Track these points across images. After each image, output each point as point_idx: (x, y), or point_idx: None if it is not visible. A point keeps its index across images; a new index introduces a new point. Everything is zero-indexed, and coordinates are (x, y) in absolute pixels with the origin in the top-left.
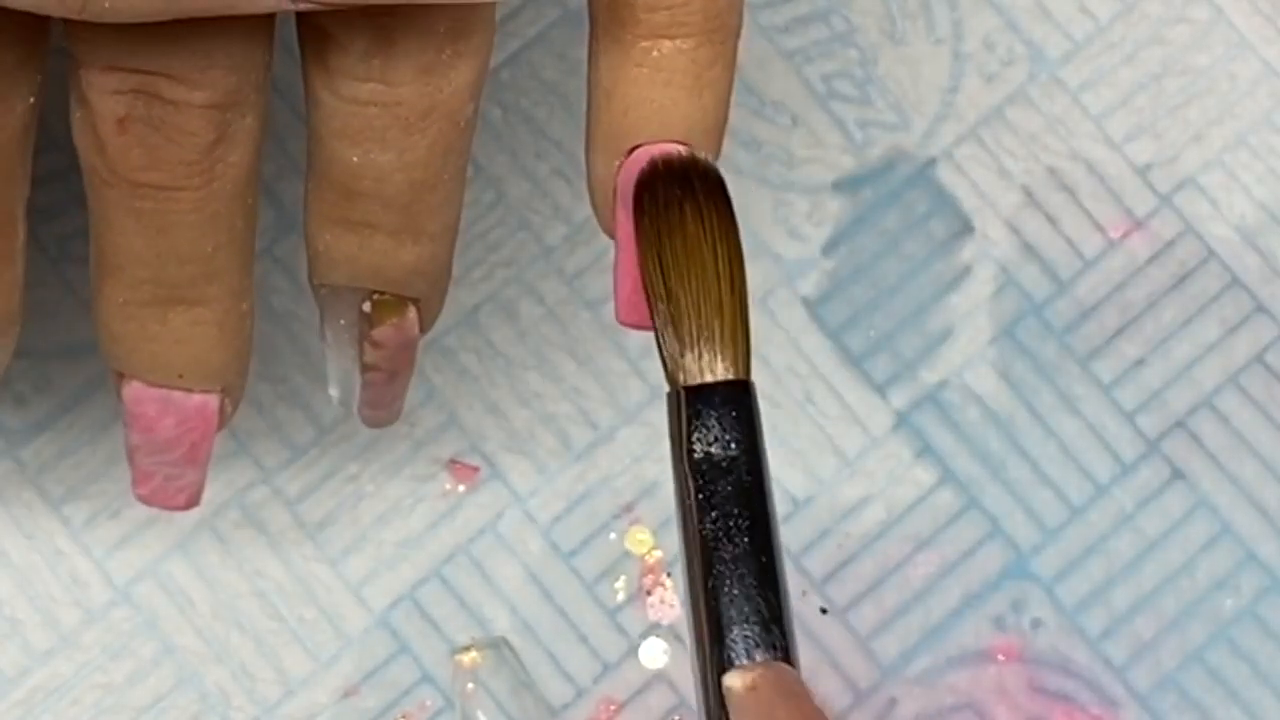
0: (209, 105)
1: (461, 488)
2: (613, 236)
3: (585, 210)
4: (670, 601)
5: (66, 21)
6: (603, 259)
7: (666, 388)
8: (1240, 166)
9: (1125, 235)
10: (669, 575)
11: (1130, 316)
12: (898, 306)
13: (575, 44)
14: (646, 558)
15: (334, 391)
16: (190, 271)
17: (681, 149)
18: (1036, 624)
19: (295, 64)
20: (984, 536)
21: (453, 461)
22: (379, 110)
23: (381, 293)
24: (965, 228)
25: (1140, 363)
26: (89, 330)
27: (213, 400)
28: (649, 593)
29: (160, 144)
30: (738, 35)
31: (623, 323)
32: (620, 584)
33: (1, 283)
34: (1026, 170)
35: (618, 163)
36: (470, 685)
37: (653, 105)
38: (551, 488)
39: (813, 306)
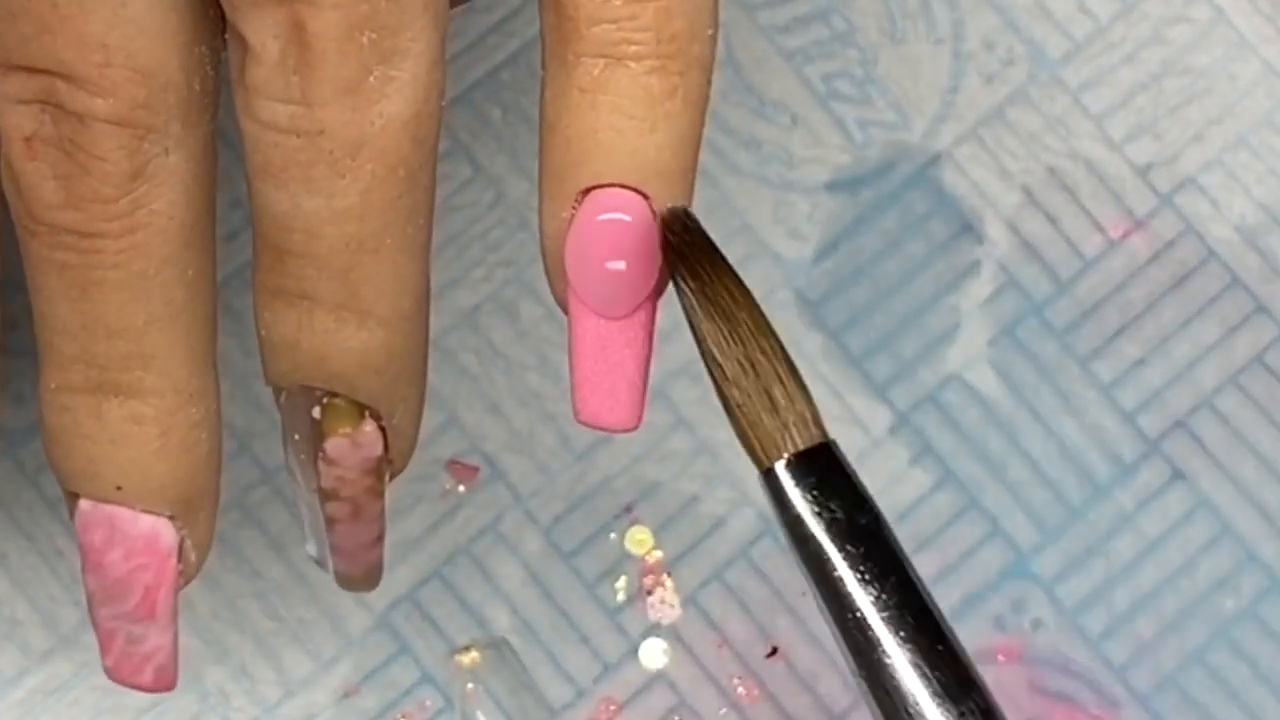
0: (116, 120)
1: (461, 488)
2: (564, 308)
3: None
4: (670, 602)
5: None
6: None
7: (755, 469)
8: (1240, 166)
9: (1125, 235)
10: (669, 575)
11: (1130, 316)
12: (898, 306)
13: None
14: (647, 558)
15: (310, 548)
16: (121, 349)
17: (647, 199)
18: (1037, 624)
19: None
20: (984, 537)
21: (453, 461)
22: (302, 142)
23: (333, 395)
24: (965, 228)
25: (1140, 363)
26: None
27: (164, 530)
28: (649, 593)
29: (74, 173)
30: (705, 69)
31: (583, 422)
32: (620, 584)
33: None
34: (1027, 170)
35: (568, 213)
36: (470, 685)
37: (597, 136)
38: (552, 488)
39: (813, 306)
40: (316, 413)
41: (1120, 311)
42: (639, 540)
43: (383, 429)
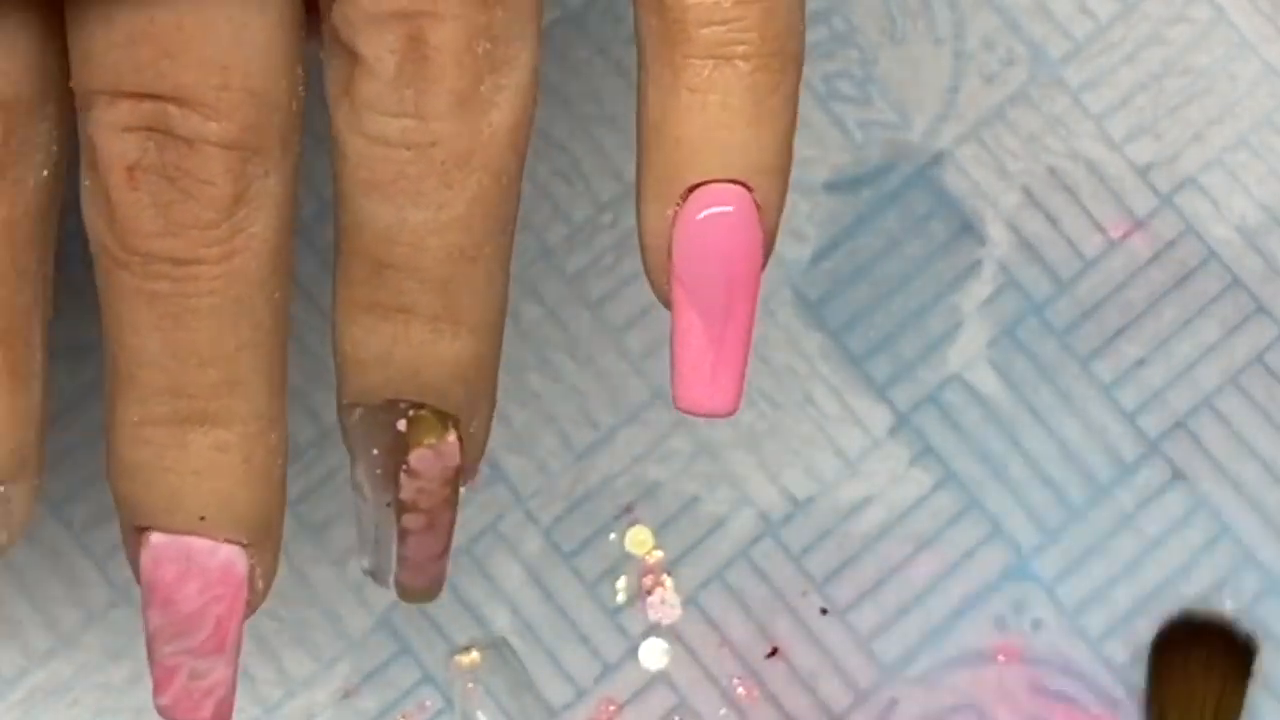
0: (226, 143)
1: (462, 488)
2: (667, 304)
3: (585, 210)
4: (670, 602)
5: (71, 41)
6: (602, 259)
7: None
8: (1241, 166)
9: (1126, 235)
10: (669, 575)
11: (1131, 316)
12: (898, 306)
13: (575, 44)
14: (647, 558)
15: (365, 562)
16: (212, 377)
17: None
18: (1037, 624)
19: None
20: (985, 537)
21: None
22: (413, 155)
23: (419, 406)
24: (965, 228)
25: (1141, 363)
26: (89, 330)
27: (239, 558)
28: (649, 593)
29: (175, 200)
30: (799, 66)
31: (681, 408)
32: (621, 584)
33: (13, 409)
34: (1027, 170)
35: (671, 211)
36: (470, 685)
37: (708, 135)
38: (552, 488)
39: (813, 306)
40: (402, 425)
41: (1120, 311)
42: (639, 540)
43: (460, 440)
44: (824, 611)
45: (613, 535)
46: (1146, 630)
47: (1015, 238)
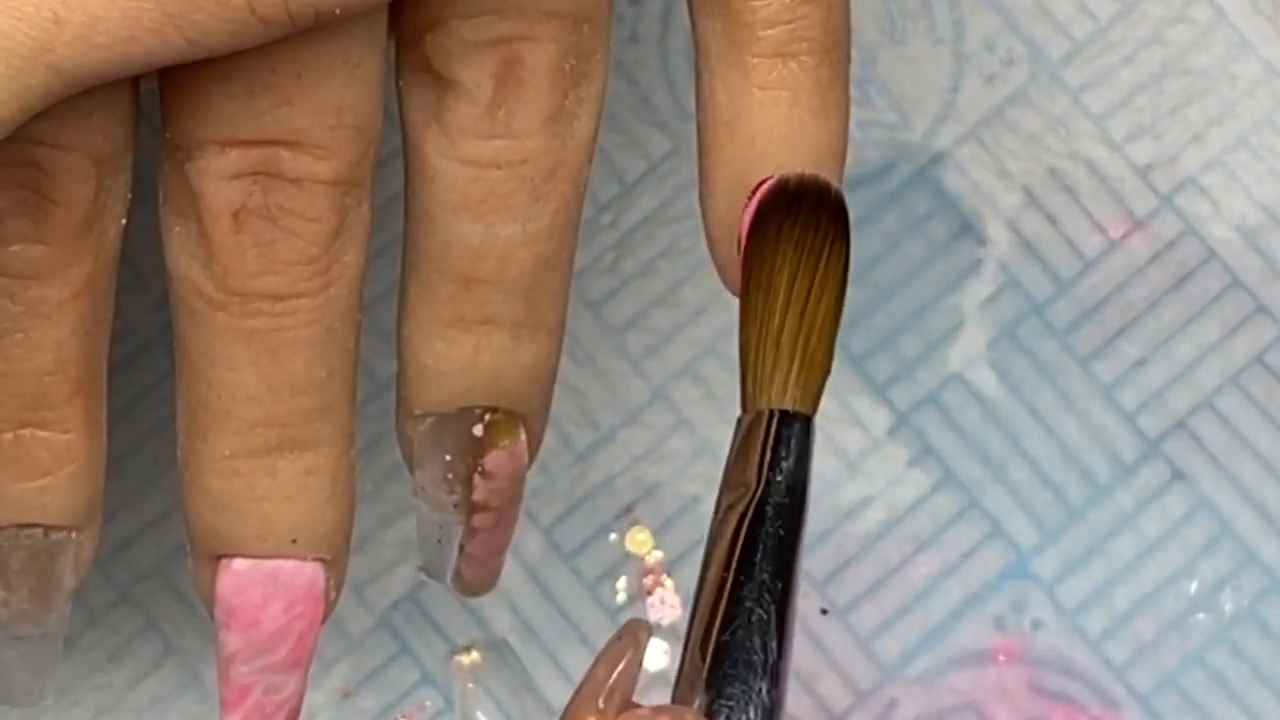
0: (334, 181)
1: None
2: (739, 293)
3: (585, 210)
4: (671, 602)
5: (169, 94)
6: (602, 259)
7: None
8: (1241, 167)
9: (1126, 235)
10: (669, 576)
11: (1131, 317)
12: (898, 306)
13: None
14: (647, 558)
15: (423, 562)
16: (304, 405)
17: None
18: (1037, 625)
19: None
20: (984, 537)
21: None
22: (504, 173)
23: (494, 410)
24: (965, 228)
25: (1141, 363)
26: None
27: (320, 574)
28: (649, 593)
29: (278, 239)
30: (850, 60)
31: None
32: (621, 585)
33: (92, 457)
34: (1027, 170)
35: (743, 203)
36: (470, 685)
37: (781, 130)
38: (552, 488)
39: None
40: (479, 430)
41: (1120, 311)
42: (639, 541)
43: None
44: (824, 612)
45: (613, 535)
46: (1146, 630)
47: (1015, 238)
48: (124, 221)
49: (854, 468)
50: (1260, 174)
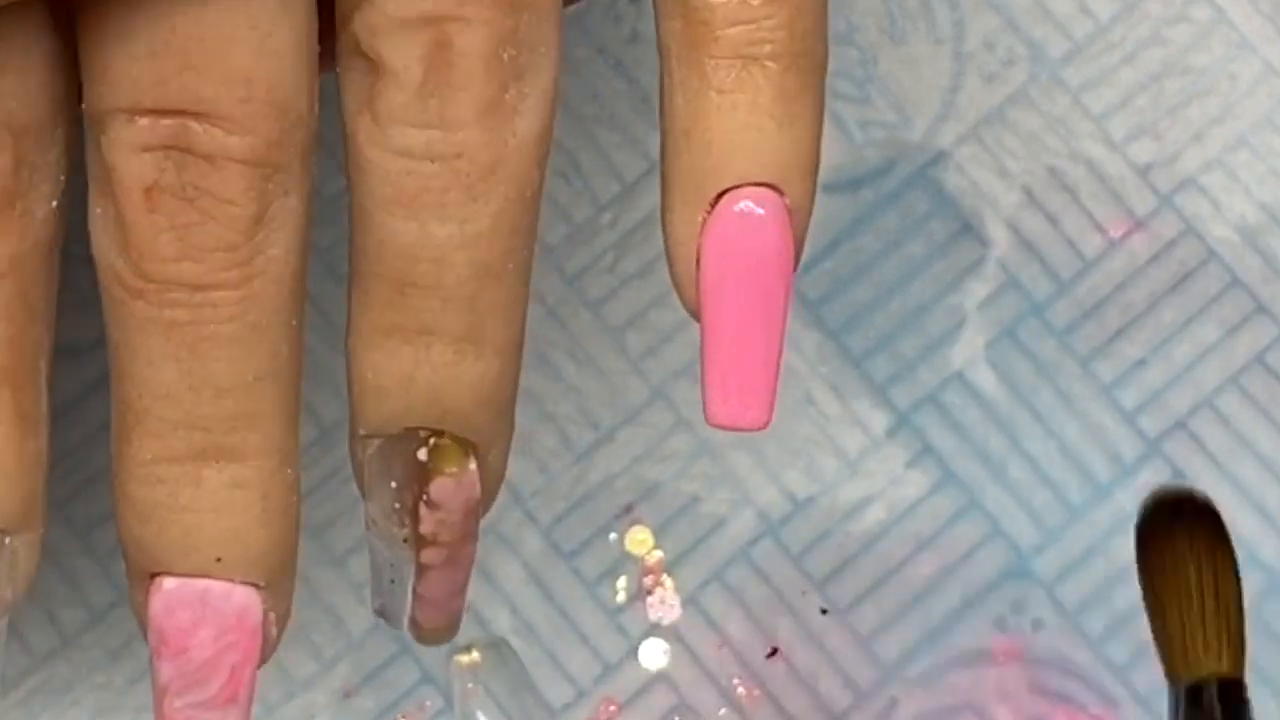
0: (250, 159)
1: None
2: (695, 315)
3: (585, 210)
4: (670, 602)
5: (82, 61)
6: (602, 259)
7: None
8: (1240, 167)
9: (1125, 235)
10: (669, 576)
11: (1130, 317)
12: (897, 306)
13: (575, 44)
14: (647, 558)
15: (376, 602)
16: (229, 409)
17: None
18: (1037, 625)
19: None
20: (984, 537)
21: None
22: (438, 167)
23: (439, 434)
24: (965, 228)
25: (1141, 363)
26: (90, 330)
27: (254, 602)
28: (649, 593)
29: (194, 222)
30: (824, 68)
31: (714, 423)
32: (621, 584)
33: (22, 454)
34: (1027, 170)
35: (701, 216)
36: (470, 685)
37: (738, 137)
38: (552, 488)
39: (813, 306)
40: (423, 455)
41: (1120, 311)
42: (639, 540)
43: (480, 467)
44: (824, 611)
45: (613, 535)
46: (1146, 630)
47: (1015, 238)
48: (55, 204)
49: (854, 468)
50: (1260, 174)
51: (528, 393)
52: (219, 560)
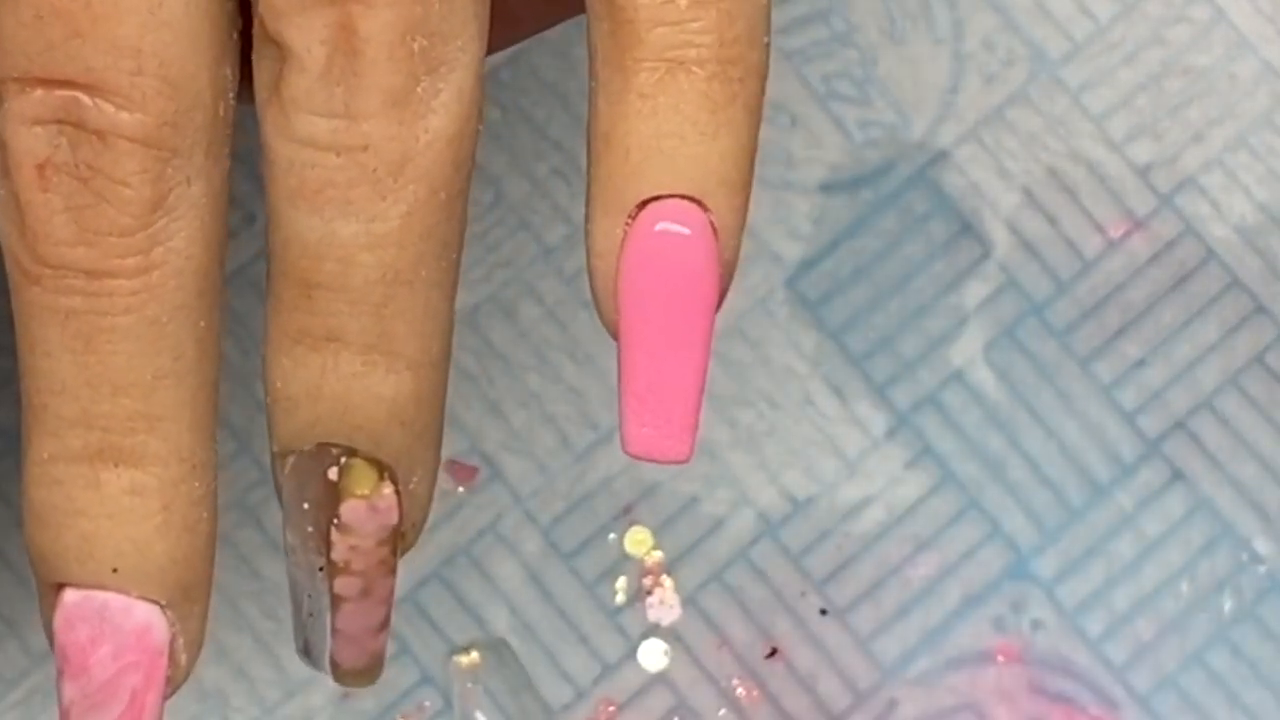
0: (141, 138)
1: (461, 488)
2: (614, 333)
3: (585, 210)
4: (669, 603)
5: None
6: None
7: None
8: (1240, 167)
9: (1125, 235)
10: (668, 576)
11: (1130, 317)
12: (897, 306)
13: (575, 44)
14: (646, 559)
15: (298, 640)
16: (126, 408)
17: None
18: (1036, 625)
19: None
20: (984, 537)
21: (452, 462)
22: (343, 160)
23: (352, 452)
24: (965, 228)
25: (1140, 363)
26: None
27: (157, 621)
28: (649, 594)
29: (88, 203)
30: (762, 78)
31: (630, 453)
32: (620, 585)
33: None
34: (1026, 170)
35: (620, 229)
36: (470, 686)
37: (658, 144)
38: (551, 488)
39: (813, 306)
40: (333, 474)
41: (1120, 312)
42: (639, 541)
43: (399, 494)
44: (823, 612)
45: (612, 535)
46: (1146, 630)
47: (1015, 238)
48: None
49: (854, 468)
50: (1260, 174)
51: (528, 393)
52: (115, 570)
